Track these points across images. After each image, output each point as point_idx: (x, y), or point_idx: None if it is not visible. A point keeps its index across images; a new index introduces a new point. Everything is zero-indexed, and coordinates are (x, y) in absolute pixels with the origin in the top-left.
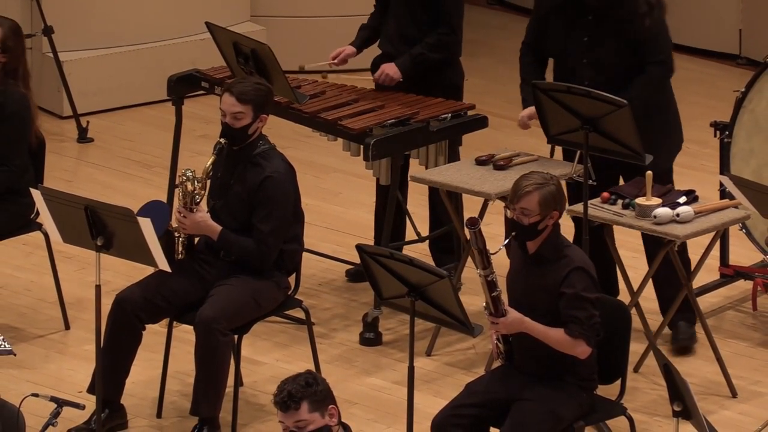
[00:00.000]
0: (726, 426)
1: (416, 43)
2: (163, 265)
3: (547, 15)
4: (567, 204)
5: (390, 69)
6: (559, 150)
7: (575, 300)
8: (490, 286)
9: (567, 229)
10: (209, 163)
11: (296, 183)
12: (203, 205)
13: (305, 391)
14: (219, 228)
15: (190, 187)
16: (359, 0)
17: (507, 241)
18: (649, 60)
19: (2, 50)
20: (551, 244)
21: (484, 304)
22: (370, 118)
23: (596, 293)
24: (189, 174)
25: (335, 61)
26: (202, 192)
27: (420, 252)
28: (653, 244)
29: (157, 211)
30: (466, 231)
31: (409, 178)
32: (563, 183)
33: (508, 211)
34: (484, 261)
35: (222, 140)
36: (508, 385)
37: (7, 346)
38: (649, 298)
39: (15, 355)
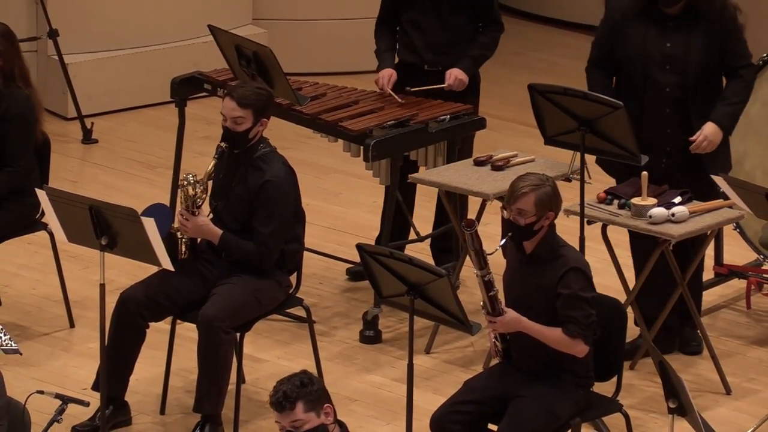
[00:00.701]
0: (720, 422)
1: (446, 50)
2: (167, 264)
3: (621, 25)
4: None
5: (461, 74)
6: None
7: (572, 300)
8: (487, 285)
9: (567, 229)
10: (210, 167)
11: (296, 185)
12: (205, 208)
13: (300, 391)
14: (220, 232)
15: (191, 191)
16: (357, 4)
17: (503, 241)
18: (739, 64)
19: None
20: (547, 244)
21: (482, 303)
22: (370, 120)
23: (592, 292)
24: (191, 178)
25: (390, 89)
26: (204, 196)
27: (420, 251)
28: (641, 248)
29: (160, 213)
30: (464, 232)
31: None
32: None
33: (505, 212)
34: (481, 261)
35: (223, 144)
36: (505, 383)
37: (13, 345)
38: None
39: (21, 354)
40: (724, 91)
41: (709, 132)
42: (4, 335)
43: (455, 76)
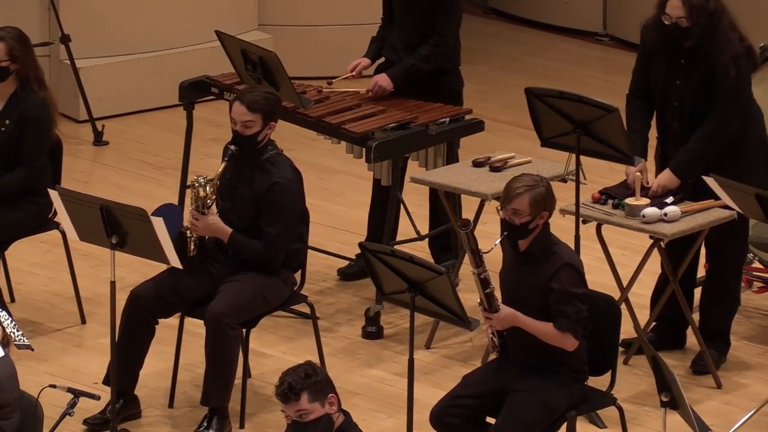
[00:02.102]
0: (711, 415)
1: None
2: (175, 262)
3: (651, 56)
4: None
5: (383, 80)
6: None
7: (563, 295)
8: (483, 283)
9: (562, 228)
10: (221, 169)
11: (302, 187)
12: (214, 208)
13: (305, 382)
14: (230, 230)
15: (202, 192)
16: (361, 10)
17: (499, 240)
18: (717, 110)
19: (11, 60)
20: (541, 242)
21: (479, 300)
22: (372, 122)
23: (584, 288)
24: (201, 180)
25: (353, 73)
26: (213, 197)
27: (420, 250)
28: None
29: (170, 212)
30: (460, 232)
31: (408, 179)
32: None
33: (501, 212)
34: (477, 260)
35: (232, 147)
36: (502, 377)
37: (25, 340)
38: (638, 294)
39: (33, 350)
40: (693, 136)
41: (663, 180)
42: (17, 331)
43: (377, 82)
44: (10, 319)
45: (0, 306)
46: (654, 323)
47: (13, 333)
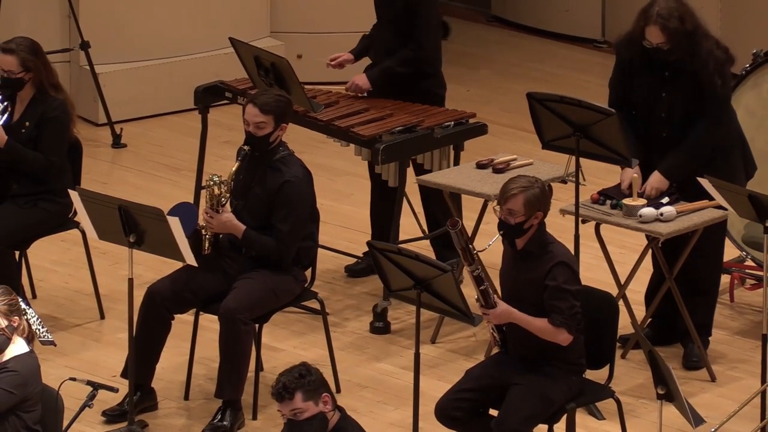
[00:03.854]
0: (705, 407)
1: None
2: (190, 260)
3: (629, 71)
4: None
5: (360, 80)
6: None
7: (557, 292)
8: (477, 280)
9: (562, 227)
10: (234, 169)
11: (312, 186)
12: (228, 206)
13: (298, 382)
14: (243, 227)
15: (216, 191)
16: (368, 18)
17: (494, 239)
18: (708, 114)
19: (26, 70)
20: (537, 240)
21: (476, 297)
22: (380, 126)
23: (577, 285)
24: (215, 179)
25: (333, 63)
26: (227, 195)
27: (424, 248)
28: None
29: (186, 212)
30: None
31: (414, 181)
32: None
33: (497, 212)
34: (468, 258)
35: (246, 147)
36: (503, 371)
37: (49, 337)
38: (635, 291)
39: (56, 345)
40: (685, 139)
41: (654, 182)
42: (42, 327)
43: (354, 81)
44: (36, 315)
45: (24, 303)
46: (650, 319)
47: (38, 330)
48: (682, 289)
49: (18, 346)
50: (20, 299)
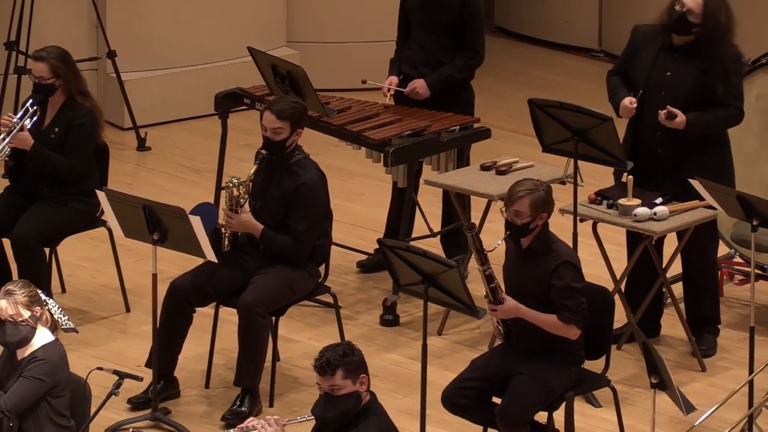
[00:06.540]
0: (696, 396)
1: (438, 67)
2: (211, 256)
3: (637, 50)
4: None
5: (420, 86)
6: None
7: (565, 290)
8: (488, 278)
9: (562, 226)
10: (252, 171)
11: (327, 187)
12: (247, 206)
13: (342, 360)
14: (261, 227)
15: (235, 192)
16: (380, 28)
17: (502, 239)
18: (729, 102)
19: (56, 77)
20: (541, 239)
21: (485, 293)
22: (390, 130)
23: (582, 283)
24: (235, 181)
25: (390, 93)
26: (246, 196)
27: (432, 245)
28: (633, 242)
29: (207, 211)
30: (466, 235)
31: (422, 182)
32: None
33: (504, 213)
34: (482, 258)
35: (263, 151)
36: (507, 361)
37: (71, 324)
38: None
39: (77, 332)
40: (712, 109)
41: (679, 121)
42: (63, 315)
43: (413, 86)
44: (57, 305)
45: (46, 295)
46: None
47: (60, 318)
48: (689, 286)
49: (44, 336)
50: (39, 291)
